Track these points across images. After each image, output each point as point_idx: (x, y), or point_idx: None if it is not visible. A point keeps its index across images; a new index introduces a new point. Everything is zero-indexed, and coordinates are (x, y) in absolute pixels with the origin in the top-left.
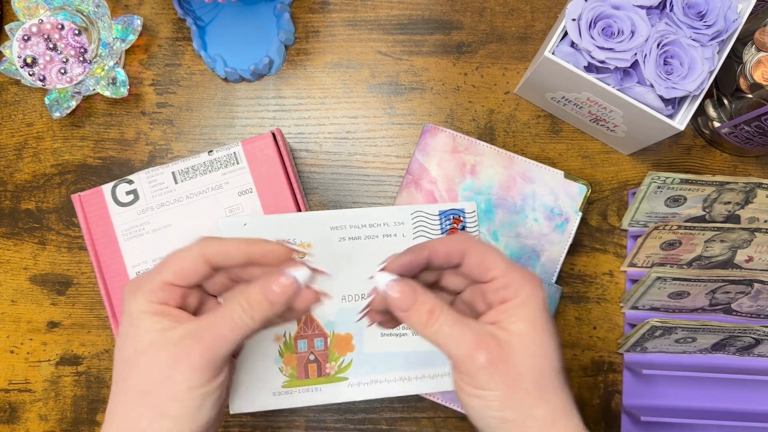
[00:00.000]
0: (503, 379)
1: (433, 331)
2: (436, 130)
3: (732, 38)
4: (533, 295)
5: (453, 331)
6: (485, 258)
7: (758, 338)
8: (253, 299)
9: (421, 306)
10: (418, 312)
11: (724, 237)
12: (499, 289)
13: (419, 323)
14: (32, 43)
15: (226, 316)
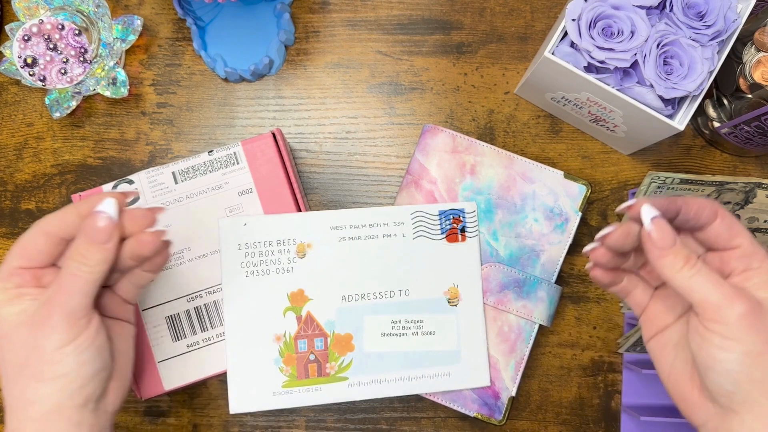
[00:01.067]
0: (759, 335)
1: (688, 276)
2: (436, 130)
3: (732, 38)
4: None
5: (710, 278)
6: (734, 224)
7: None
8: (81, 248)
9: (680, 250)
10: (676, 255)
11: None
12: (744, 257)
13: (674, 266)
14: (32, 44)
15: (66, 273)
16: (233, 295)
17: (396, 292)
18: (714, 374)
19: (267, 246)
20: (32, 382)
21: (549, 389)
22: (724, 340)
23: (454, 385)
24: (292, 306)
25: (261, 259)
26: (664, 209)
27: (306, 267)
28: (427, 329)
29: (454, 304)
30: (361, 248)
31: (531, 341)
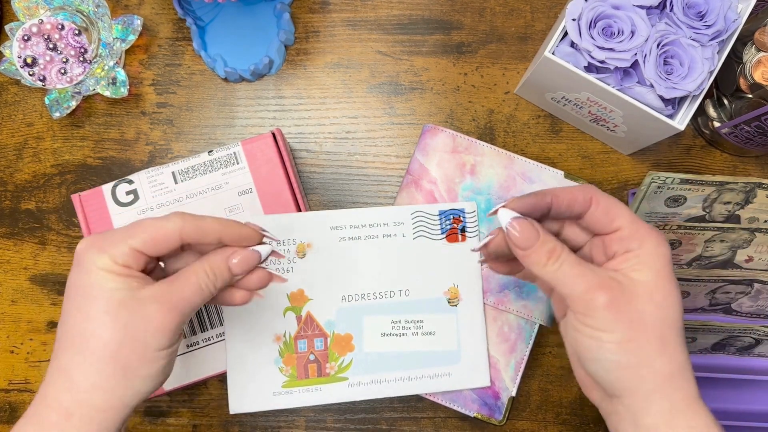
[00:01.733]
0: (624, 323)
1: (553, 270)
2: (436, 130)
3: (732, 38)
4: (659, 245)
5: (574, 270)
6: (611, 208)
7: (758, 338)
8: (217, 267)
9: (542, 245)
10: (538, 252)
11: (724, 237)
12: (623, 239)
13: (539, 263)
14: (32, 43)
15: (191, 281)
16: None
17: (396, 292)
18: (589, 363)
19: None
20: (119, 373)
21: (549, 389)
22: (593, 330)
23: (454, 385)
24: (292, 306)
25: None
26: (532, 206)
27: (306, 267)
28: (427, 329)
29: (454, 304)
30: (361, 248)
31: (531, 341)
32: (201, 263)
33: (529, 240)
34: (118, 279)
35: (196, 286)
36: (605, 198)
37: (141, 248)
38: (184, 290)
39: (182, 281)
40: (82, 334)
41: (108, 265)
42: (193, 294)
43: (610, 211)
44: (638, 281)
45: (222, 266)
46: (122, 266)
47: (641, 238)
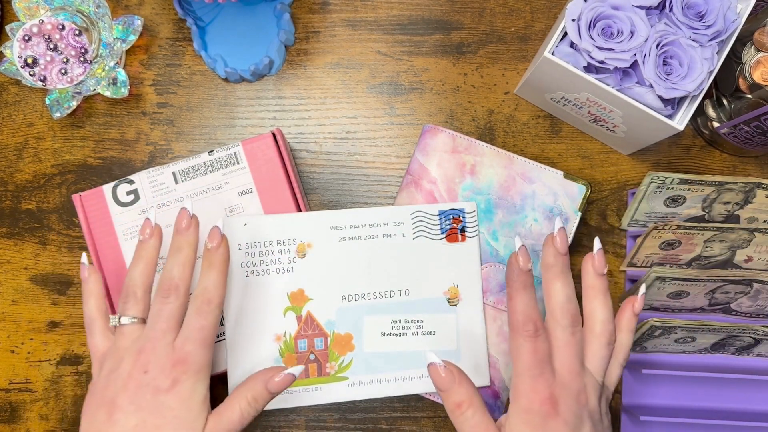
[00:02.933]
0: None
1: (455, 422)
2: (436, 131)
3: (731, 38)
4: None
5: (471, 428)
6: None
7: (758, 338)
8: (258, 394)
9: (453, 395)
10: (448, 399)
11: (724, 237)
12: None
13: (448, 408)
14: (33, 44)
15: (235, 409)
16: (233, 295)
17: (396, 292)
18: None
19: (267, 246)
20: None
21: None
22: None
23: None
24: (292, 306)
25: (261, 259)
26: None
27: (306, 267)
28: (427, 329)
29: (454, 304)
30: (361, 248)
31: None
32: (243, 391)
33: (444, 383)
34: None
35: (239, 414)
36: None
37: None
38: (231, 421)
39: (229, 413)
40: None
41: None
42: (238, 422)
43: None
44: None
45: (263, 393)
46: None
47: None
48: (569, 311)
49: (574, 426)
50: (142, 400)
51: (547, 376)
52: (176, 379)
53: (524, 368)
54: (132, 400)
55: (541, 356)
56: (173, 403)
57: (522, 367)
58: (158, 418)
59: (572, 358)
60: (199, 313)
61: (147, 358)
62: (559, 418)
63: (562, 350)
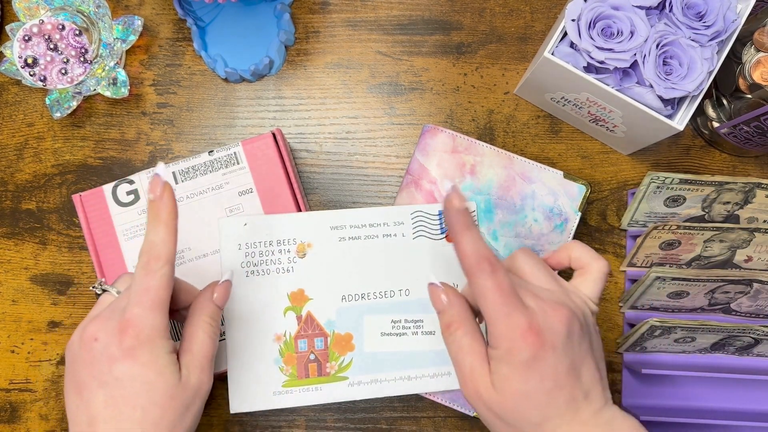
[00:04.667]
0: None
1: (445, 342)
2: (436, 131)
3: (731, 38)
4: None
5: (458, 349)
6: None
7: (757, 338)
8: (212, 311)
9: (445, 316)
10: (441, 320)
11: (724, 237)
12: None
13: (441, 329)
14: (33, 44)
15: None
16: (233, 295)
17: (396, 292)
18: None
19: (267, 246)
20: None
21: None
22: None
23: (454, 384)
24: (293, 306)
25: (261, 259)
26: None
27: (306, 267)
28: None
29: None
30: (361, 248)
31: None
32: (198, 317)
33: (438, 305)
34: (171, 359)
35: (208, 338)
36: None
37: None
38: (204, 348)
39: (198, 344)
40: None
41: (165, 348)
42: (211, 346)
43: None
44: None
45: (215, 309)
46: (170, 344)
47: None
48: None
49: (567, 350)
50: (101, 373)
51: (521, 308)
52: (130, 347)
53: (493, 309)
54: (92, 374)
55: (507, 290)
56: (134, 371)
57: (491, 308)
58: (124, 389)
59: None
60: (146, 272)
61: (98, 326)
62: (547, 347)
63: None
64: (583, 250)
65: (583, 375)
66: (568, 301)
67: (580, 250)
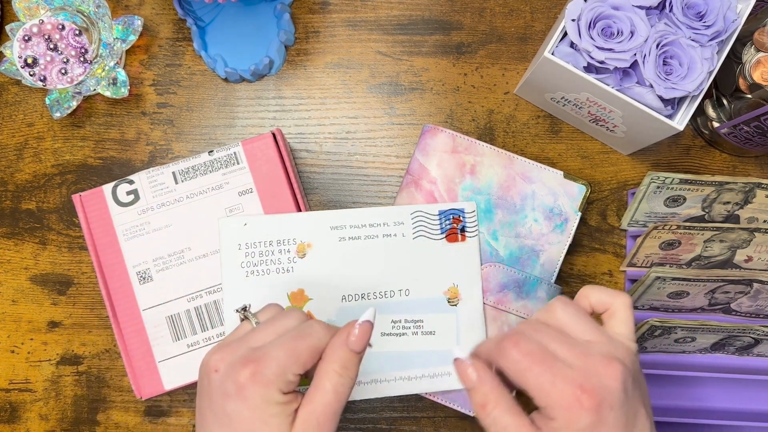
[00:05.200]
0: None
1: (482, 423)
2: (436, 131)
3: (731, 38)
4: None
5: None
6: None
7: (757, 338)
8: (345, 359)
9: (476, 395)
10: (473, 399)
11: (724, 237)
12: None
13: (475, 404)
14: (33, 44)
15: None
16: (233, 295)
17: (396, 292)
18: None
19: (267, 246)
20: None
21: None
22: None
23: (454, 384)
24: (293, 306)
25: (261, 259)
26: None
27: (306, 267)
28: (427, 329)
29: (453, 304)
30: (361, 248)
31: None
32: (327, 365)
33: (466, 383)
34: (283, 410)
35: (332, 391)
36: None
37: (301, 372)
38: (327, 403)
39: (320, 395)
40: None
41: (276, 398)
42: (335, 401)
43: (519, 377)
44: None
45: (350, 356)
46: (286, 395)
47: (553, 410)
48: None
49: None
50: (216, 406)
51: (564, 370)
52: (242, 386)
53: (536, 380)
54: (210, 406)
55: (540, 355)
56: (244, 413)
57: (533, 382)
58: (232, 429)
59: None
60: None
61: (222, 356)
62: (605, 407)
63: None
64: (601, 292)
65: (637, 426)
66: (616, 352)
67: (597, 293)
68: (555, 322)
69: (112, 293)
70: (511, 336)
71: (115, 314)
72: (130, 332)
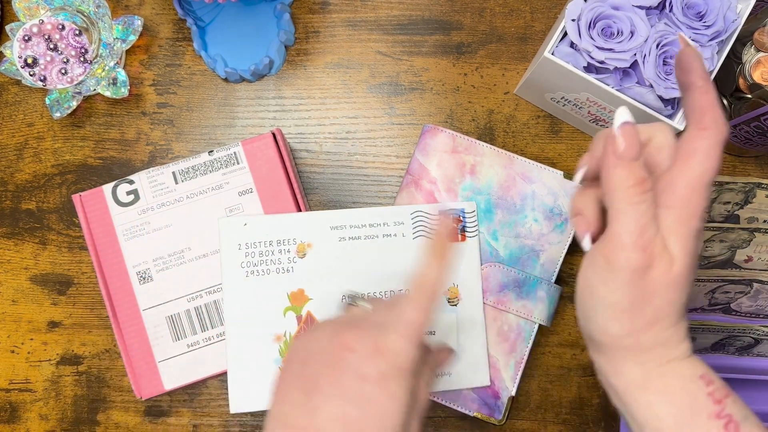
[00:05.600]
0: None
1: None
2: (436, 131)
3: (731, 38)
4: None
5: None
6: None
7: (758, 338)
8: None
9: (637, 168)
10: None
11: (724, 237)
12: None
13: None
14: (33, 44)
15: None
16: (233, 295)
17: (396, 292)
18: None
19: (267, 246)
20: None
21: (549, 389)
22: (603, 283)
23: (453, 384)
24: (293, 306)
25: (261, 259)
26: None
27: (306, 267)
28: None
29: (453, 304)
30: (361, 248)
31: (531, 341)
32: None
33: (631, 152)
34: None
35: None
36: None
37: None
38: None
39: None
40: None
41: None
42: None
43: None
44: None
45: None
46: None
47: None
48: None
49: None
50: (345, 386)
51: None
52: (383, 374)
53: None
54: (334, 382)
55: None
56: (381, 399)
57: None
58: (362, 411)
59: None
60: (414, 304)
61: (356, 336)
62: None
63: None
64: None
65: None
66: None
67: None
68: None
69: (112, 293)
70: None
71: (115, 314)
72: (130, 332)
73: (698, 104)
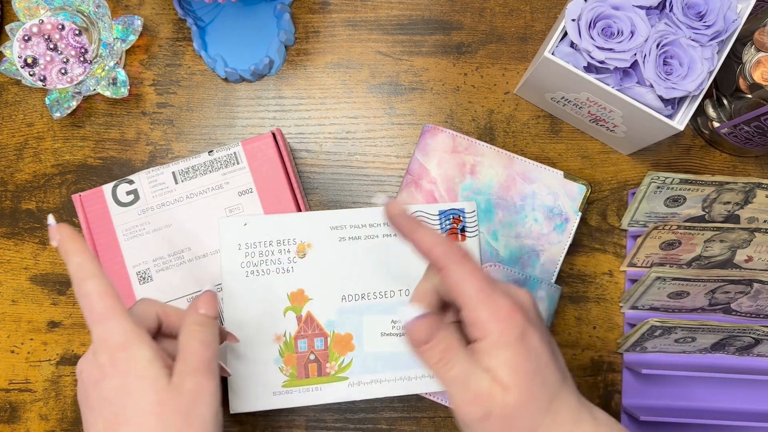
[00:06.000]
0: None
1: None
2: (436, 131)
3: (731, 38)
4: (505, 334)
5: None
6: (458, 283)
7: (758, 338)
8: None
9: (435, 346)
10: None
11: (724, 237)
12: (468, 325)
13: (430, 360)
14: (33, 44)
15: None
16: (233, 295)
17: (396, 292)
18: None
19: (267, 246)
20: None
21: None
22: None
23: None
24: (292, 306)
25: (261, 259)
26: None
27: (306, 267)
28: None
29: None
30: (361, 248)
31: None
32: (185, 327)
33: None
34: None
35: (198, 342)
36: (456, 269)
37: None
38: (197, 353)
39: (186, 348)
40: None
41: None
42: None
43: (456, 287)
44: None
45: (198, 317)
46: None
47: (483, 327)
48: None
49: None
50: (91, 399)
51: (500, 288)
52: (105, 362)
53: (477, 294)
54: (88, 405)
55: (482, 273)
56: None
57: (473, 294)
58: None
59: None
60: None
61: (80, 361)
62: (529, 321)
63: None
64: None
65: (555, 349)
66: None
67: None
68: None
69: None
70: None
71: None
72: None
73: (423, 249)
